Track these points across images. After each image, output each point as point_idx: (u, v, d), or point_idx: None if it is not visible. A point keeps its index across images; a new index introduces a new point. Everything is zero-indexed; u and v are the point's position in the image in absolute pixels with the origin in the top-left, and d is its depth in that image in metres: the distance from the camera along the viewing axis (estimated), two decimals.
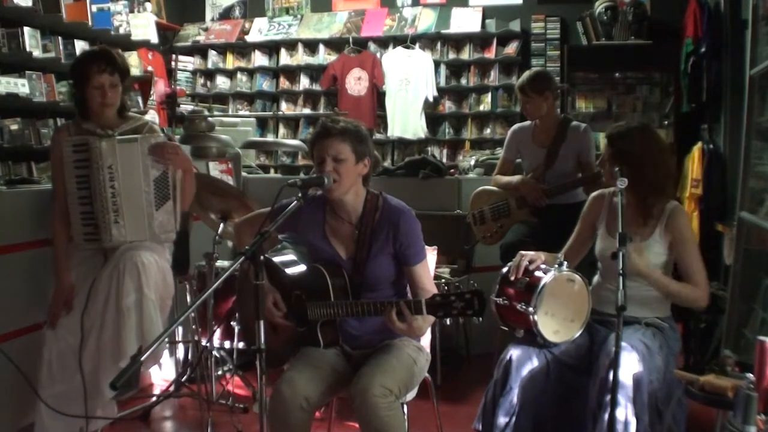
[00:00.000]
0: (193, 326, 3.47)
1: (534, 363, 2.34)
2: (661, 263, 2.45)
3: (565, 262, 2.41)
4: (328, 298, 2.23)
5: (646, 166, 2.38)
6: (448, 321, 2.04)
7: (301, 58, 6.62)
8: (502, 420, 2.28)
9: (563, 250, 2.64)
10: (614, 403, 2.04)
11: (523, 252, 2.46)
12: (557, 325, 2.35)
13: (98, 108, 2.73)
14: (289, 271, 2.44)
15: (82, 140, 2.72)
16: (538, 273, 2.37)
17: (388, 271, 2.30)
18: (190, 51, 6.95)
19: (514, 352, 2.36)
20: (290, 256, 2.48)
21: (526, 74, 3.59)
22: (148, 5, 6.11)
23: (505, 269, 2.47)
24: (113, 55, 2.77)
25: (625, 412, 2.11)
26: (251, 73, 6.81)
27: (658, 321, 2.42)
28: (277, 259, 2.44)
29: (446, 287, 3.59)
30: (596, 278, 2.63)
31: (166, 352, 3.59)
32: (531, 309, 2.28)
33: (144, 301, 2.61)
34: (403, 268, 2.30)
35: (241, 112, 6.72)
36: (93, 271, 2.71)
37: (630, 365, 2.16)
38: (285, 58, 6.70)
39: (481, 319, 1.99)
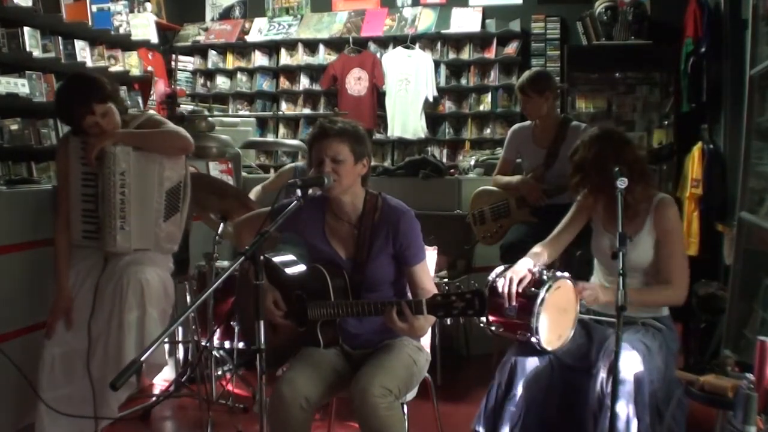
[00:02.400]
0: (193, 326, 3.47)
1: (537, 363, 2.34)
2: (650, 259, 2.43)
3: (545, 272, 2.37)
4: (328, 298, 2.23)
5: (602, 170, 2.35)
6: (448, 321, 2.04)
7: (301, 58, 6.62)
8: (508, 422, 2.28)
9: (550, 236, 2.63)
10: (615, 403, 2.04)
11: (507, 274, 2.37)
12: (559, 330, 2.35)
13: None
14: (289, 271, 2.44)
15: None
16: (528, 304, 2.30)
17: (387, 271, 2.30)
18: (190, 51, 6.95)
19: (517, 355, 2.36)
20: (290, 257, 2.47)
21: (526, 74, 3.59)
22: (148, 5, 6.11)
23: (489, 284, 2.40)
24: (86, 88, 2.61)
25: (626, 411, 2.11)
26: (251, 73, 6.81)
27: (655, 321, 2.42)
28: (277, 259, 2.44)
29: (446, 288, 3.59)
30: (593, 278, 2.63)
31: (166, 354, 3.58)
32: (534, 339, 2.29)
33: (146, 318, 2.59)
34: (402, 269, 2.30)
35: (241, 112, 6.72)
36: (94, 272, 2.69)
37: (630, 365, 2.16)
38: (285, 58, 6.70)
39: (483, 319, 1.99)
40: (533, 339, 2.29)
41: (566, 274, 2.40)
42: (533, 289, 2.33)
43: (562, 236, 2.62)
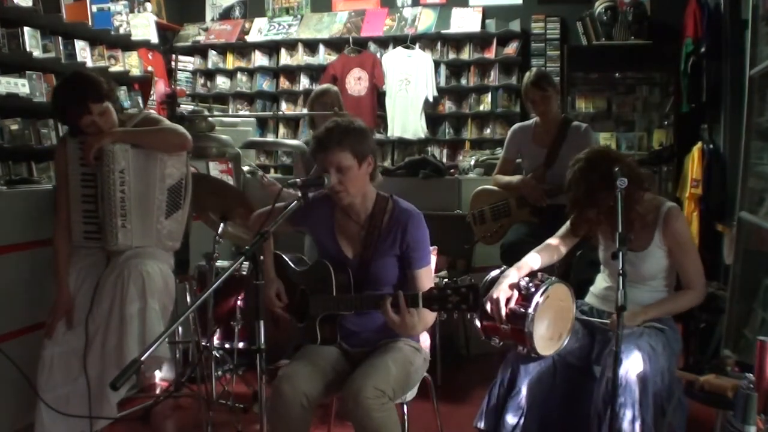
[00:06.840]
0: (193, 326, 3.47)
1: (541, 363, 2.35)
2: (662, 268, 2.43)
3: (531, 285, 2.34)
4: (330, 293, 2.24)
5: (596, 202, 2.35)
6: (444, 315, 2.03)
7: (301, 58, 6.62)
8: (510, 421, 2.28)
9: (558, 233, 2.62)
10: (615, 403, 2.04)
11: (492, 293, 2.34)
12: (559, 329, 2.36)
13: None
14: (297, 267, 2.46)
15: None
16: (519, 326, 2.29)
17: (392, 272, 2.29)
18: (190, 51, 6.96)
19: (519, 356, 2.36)
20: (300, 256, 2.51)
21: (534, 72, 3.57)
22: (148, 5, 6.11)
23: (482, 306, 2.35)
24: (82, 88, 2.59)
25: (631, 412, 2.11)
26: (251, 73, 6.82)
27: (657, 322, 2.42)
28: (287, 256, 2.47)
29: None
30: (598, 280, 2.63)
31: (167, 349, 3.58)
32: (534, 354, 2.30)
33: (147, 310, 2.57)
34: (406, 272, 2.28)
35: (241, 112, 6.72)
36: (95, 271, 2.69)
37: (636, 365, 2.16)
38: (285, 58, 6.70)
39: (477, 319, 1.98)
40: (533, 354, 2.31)
41: (552, 278, 2.39)
42: (521, 309, 2.31)
43: (558, 247, 2.59)
